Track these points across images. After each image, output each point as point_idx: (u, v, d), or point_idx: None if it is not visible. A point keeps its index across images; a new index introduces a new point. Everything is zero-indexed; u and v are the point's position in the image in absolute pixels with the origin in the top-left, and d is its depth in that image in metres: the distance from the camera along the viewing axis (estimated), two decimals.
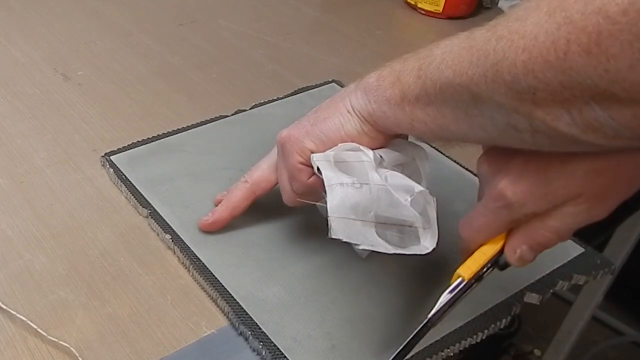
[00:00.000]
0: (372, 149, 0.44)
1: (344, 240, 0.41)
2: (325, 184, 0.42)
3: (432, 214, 0.43)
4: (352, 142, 0.44)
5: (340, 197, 0.41)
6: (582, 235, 0.54)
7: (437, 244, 0.43)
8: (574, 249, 0.54)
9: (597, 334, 1.39)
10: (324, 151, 0.45)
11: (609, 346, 1.37)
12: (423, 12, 0.93)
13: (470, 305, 0.49)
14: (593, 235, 0.57)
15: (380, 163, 0.44)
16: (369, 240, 0.41)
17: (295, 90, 0.72)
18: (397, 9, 0.95)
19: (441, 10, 0.92)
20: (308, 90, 0.72)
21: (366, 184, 0.41)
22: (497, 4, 0.94)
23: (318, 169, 0.43)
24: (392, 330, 0.47)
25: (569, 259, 0.53)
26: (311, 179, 0.46)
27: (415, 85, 0.39)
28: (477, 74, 0.34)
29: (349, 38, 0.86)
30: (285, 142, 0.46)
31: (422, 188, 0.43)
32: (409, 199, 0.42)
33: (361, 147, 0.44)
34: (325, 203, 0.42)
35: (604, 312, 1.40)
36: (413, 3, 0.94)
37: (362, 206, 0.41)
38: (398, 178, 0.43)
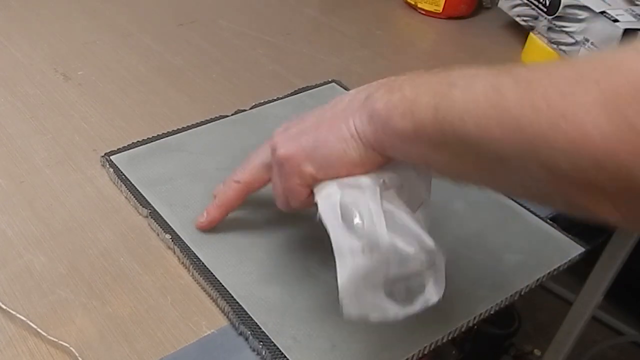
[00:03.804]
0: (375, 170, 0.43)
1: (357, 318, 0.39)
2: (335, 249, 0.40)
3: (441, 266, 0.41)
4: (355, 166, 0.42)
5: (350, 271, 0.39)
6: (582, 235, 0.54)
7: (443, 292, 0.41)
8: (574, 249, 0.54)
9: (597, 334, 1.39)
10: (323, 175, 0.43)
11: (609, 346, 1.37)
12: (423, 12, 0.93)
13: (469, 305, 0.49)
14: (593, 235, 0.57)
15: (382, 185, 0.42)
16: (379, 307, 0.40)
17: (295, 90, 0.72)
18: (397, 9, 0.95)
19: (441, 10, 0.92)
20: (308, 90, 0.72)
21: (375, 246, 0.39)
22: (497, 4, 0.94)
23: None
24: (392, 330, 0.46)
25: (569, 258, 0.53)
26: (309, 197, 0.44)
27: (432, 127, 0.36)
28: (507, 138, 0.31)
29: (349, 38, 0.86)
30: (284, 162, 0.44)
31: (431, 245, 0.40)
32: (417, 246, 0.40)
33: (366, 189, 0.42)
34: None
35: (604, 312, 1.40)
36: (413, 3, 0.94)
37: (372, 273, 0.40)
38: (406, 219, 0.41)
